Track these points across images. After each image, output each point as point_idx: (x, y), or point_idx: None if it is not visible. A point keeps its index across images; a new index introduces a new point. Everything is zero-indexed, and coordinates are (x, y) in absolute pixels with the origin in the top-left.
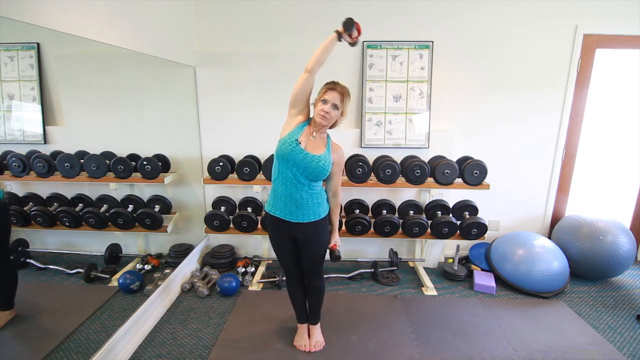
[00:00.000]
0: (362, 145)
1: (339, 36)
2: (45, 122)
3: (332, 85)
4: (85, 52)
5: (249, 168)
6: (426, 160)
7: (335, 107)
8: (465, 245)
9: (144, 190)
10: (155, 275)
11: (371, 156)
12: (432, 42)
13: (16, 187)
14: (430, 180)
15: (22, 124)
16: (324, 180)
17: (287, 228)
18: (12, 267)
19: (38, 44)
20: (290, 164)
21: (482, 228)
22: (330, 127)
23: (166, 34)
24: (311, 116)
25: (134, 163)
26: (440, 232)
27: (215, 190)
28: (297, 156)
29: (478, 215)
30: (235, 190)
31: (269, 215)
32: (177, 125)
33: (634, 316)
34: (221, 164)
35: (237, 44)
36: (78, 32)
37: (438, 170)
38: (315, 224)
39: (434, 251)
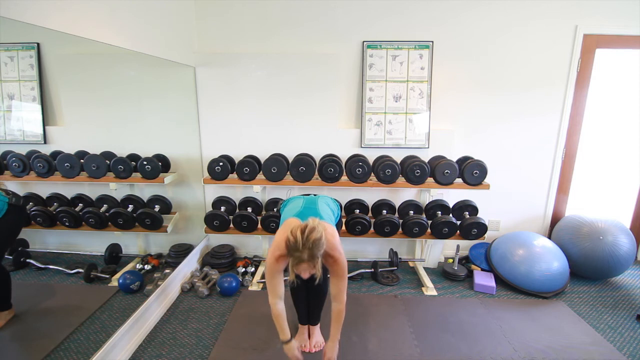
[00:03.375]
0: (362, 145)
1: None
2: (45, 122)
3: (296, 260)
4: (85, 52)
5: (249, 168)
6: (426, 160)
7: (312, 270)
8: (465, 245)
9: (144, 190)
10: (155, 275)
11: (371, 156)
12: (432, 42)
13: (16, 187)
14: (430, 180)
15: (22, 124)
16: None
17: None
18: (3, 267)
19: (38, 44)
20: None
21: (482, 228)
22: None
23: (166, 34)
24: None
25: (134, 163)
26: (440, 232)
27: (215, 190)
28: None
29: (478, 215)
30: (235, 190)
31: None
32: (177, 125)
33: (634, 316)
34: (221, 164)
35: (237, 44)
36: (78, 32)
37: (438, 170)
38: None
39: (434, 251)
